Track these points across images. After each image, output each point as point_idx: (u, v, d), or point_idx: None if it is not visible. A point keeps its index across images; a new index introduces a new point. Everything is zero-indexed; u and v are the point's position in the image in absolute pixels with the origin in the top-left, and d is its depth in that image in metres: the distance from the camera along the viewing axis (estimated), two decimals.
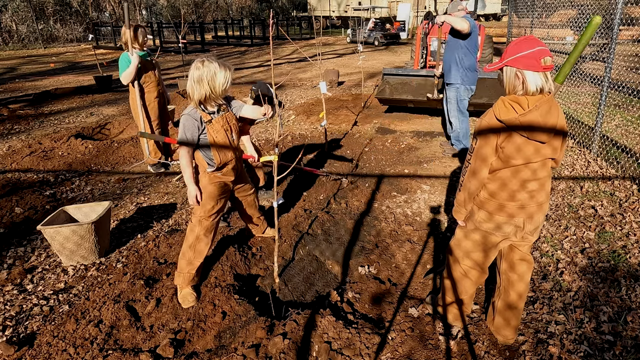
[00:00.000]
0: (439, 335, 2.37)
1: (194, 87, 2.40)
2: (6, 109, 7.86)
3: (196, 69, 2.37)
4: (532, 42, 1.75)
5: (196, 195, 2.53)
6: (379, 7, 26.28)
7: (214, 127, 2.49)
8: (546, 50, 1.74)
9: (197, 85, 2.38)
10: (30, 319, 2.61)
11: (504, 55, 1.83)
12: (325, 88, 4.99)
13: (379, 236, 3.39)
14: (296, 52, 16.33)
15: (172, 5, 31.22)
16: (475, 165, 1.92)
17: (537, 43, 1.75)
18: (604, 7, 5.24)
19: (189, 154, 2.51)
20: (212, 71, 2.37)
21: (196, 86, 2.39)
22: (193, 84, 2.39)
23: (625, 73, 6.86)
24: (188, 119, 2.44)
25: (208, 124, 2.47)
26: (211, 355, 2.24)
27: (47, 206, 4.03)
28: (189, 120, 2.44)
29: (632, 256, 2.86)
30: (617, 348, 2.19)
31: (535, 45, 1.74)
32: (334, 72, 9.66)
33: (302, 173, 4.66)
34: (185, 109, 2.49)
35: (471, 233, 2.11)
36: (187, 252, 2.63)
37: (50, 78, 12.05)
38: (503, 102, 1.83)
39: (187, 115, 2.45)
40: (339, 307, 2.57)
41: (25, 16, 22.63)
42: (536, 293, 2.65)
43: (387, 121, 6.51)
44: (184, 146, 2.48)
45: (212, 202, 2.61)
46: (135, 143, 5.70)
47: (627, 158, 4.29)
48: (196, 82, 2.38)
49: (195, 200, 2.55)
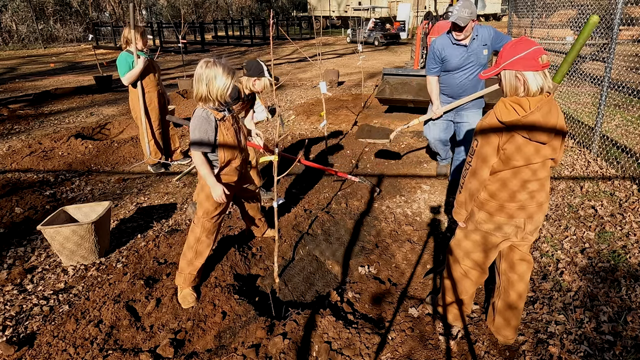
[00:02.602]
0: (439, 335, 2.37)
1: (194, 84, 2.39)
2: (6, 109, 7.86)
3: (200, 67, 2.35)
4: (527, 43, 1.77)
5: (224, 190, 2.46)
6: (379, 7, 26.28)
7: (225, 125, 2.45)
8: (541, 49, 1.76)
9: (196, 84, 2.37)
10: (30, 319, 2.61)
11: (500, 60, 1.83)
12: (325, 88, 4.99)
13: (379, 236, 3.39)
14: (296, 52, 16.33)
15: (172, 5, 31.23)
16: (475, 166, 1.92)
17: (532, 43, 1.77)
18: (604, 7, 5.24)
19: (203, 155, 2.44)
20: (213, 74, 2.33)
21: (196, 85, 2.38)
22: (194, 81, 2.38)
23: (625, 73, 6.86)
24: (201, 120, 2.38)
25: (221, 122, 2.43)
26: (211, 355, 2.24)
27: (47, 206, 4.03)
28: (203, 121, 2.38)
29: (632, 256, 2.86)
30: (617, 348, 2.19)
31: (531, 45, 1.76)
32: (334, 72, 9.66)
33: (302, 173, 4.66)
34: (196, 110, 2.43)
35: (471, 233, 2.11)
36: (188, 253, 2.63)
37: (50, 78, 12.05)
38: (504, 104, 1.83)
39: (199, 117, 2.38)
40: (339, 307, 2.57)
41: (25, 16, 22.63)
42: (536, 293, 2.65)
43: (387, 121, 6.51)
44: (198, 149, 2.41)
45: (214, 203, 2.60)
46: (135, 143, 5.70)
47: (627, 158, 4.29)
48: (197, 81, 2.36)
49: (223, 197, 2.47)
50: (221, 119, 2.43)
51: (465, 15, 3.34)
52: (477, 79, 3.70)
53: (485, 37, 3.58)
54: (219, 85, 2.34)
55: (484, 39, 3.57)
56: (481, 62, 3.64)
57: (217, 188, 2.45)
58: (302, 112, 7.26)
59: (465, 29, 3.45)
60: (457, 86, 3.73)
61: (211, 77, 2.33)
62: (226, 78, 2.35)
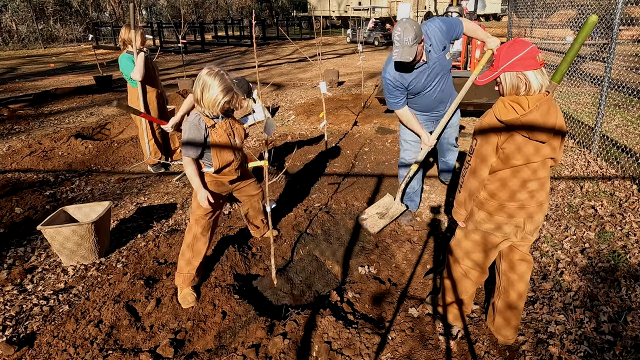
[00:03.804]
0: (439, 335, 2.37)
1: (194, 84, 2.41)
2: (6, 109, 7.86)
3: (204, 70, 2.36)
4: (523, 43, 1.79)
5: (207, 197, 2.48)
6: (379, 7, 26.28)
7: (217, 132, 2.47)
8: (536, 47, 1.79)
9: (195, 84, 2.38)
10: (30, 319, 2.61)
11: (498, 63, 1.83)
12: (325, 88, 4.99)
13: (379, 236, 3.38)
14: (296, 52, 16.33)
15: (172, 5, 31.23)
16: (475, 165, 1.92)
17: (527, 43, 1.78)
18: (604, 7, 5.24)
19: (194, 163, 2.47)
20: (208, 85, 2.31)
21: (194, 85, 2.39)
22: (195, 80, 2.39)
23: (625, 73, 6.86)
24: (191, 127, 2.40)
25: (211, 128, 2.45)
26: (211, 355, 2.24)
27: (47, 206, 4.03)
28: (192, 128, 2.40)
29: (632, 256, 2.86)
30: (617, 348, 2.19)
31: (527, 45, 1.77)
32: (334, 72, 9.66)
33: (302, 173, 4.66)
34: (190, 113, 2.46)
35: (471, 233, 2.11)
36: (186, 251, 2.64)
37: (50, 78, 12.05)
38: (503, 103, 1.83)
39: (189, 123, 2.41)
40: (339, 307, 2.57)
41: (25, 16, 22.63)
42: (536, 293, 2.65)
43: (387, 121, 6.51)
44: (188, 155, 2.44)
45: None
46: (135, 143, 5.70)
47: (627, 158, 4.29)
48: (196, 82, 2.37)
49: (207, 203, 2.49)
50: (212, 126, 2.44)
51: (410, 43, 2.63)
52: (449, 85, 3.19)
53: (440, 38, 2.92)
54: (210, 97, 2.33)
55: (439, 41, 2.92)
56: (448, 67, 3.09)
57: (201, 192, 2.47)
58: (302, 112, 7.26)
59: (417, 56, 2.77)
60: (432, 101, 3.17)
61: (207, 85, 2.32)
62: (220, 92, 2.32)
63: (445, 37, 2.94)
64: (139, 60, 4.34)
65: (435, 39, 2.90)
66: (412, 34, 2.61)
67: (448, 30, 2.94)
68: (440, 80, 3.07)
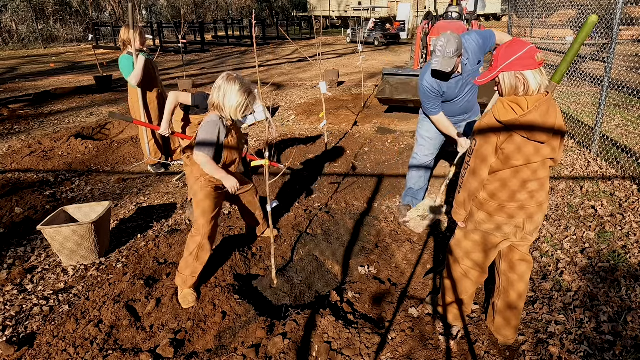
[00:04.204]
0: (439, 335, 2.37)
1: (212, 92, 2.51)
2: (6, 109, 7.86)
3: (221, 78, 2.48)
4: (521, 43, 1.79)
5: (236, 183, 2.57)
6: (379, 7, 26.27)
7: (231, 133, 2.61)
8: (535, 47, 1.79)
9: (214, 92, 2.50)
10: (30, 319, 2.61)
11: (496, 63, 1.83)
12: (325, 88, 4.99)
13: (379, 236, 3.39)
14: (296, 52, 16.33)
15: (172, 5, 31.22)
16: (475, 166, 1.92)
17: (526, 43, 1.78)
18: (604, 7, 5.24)
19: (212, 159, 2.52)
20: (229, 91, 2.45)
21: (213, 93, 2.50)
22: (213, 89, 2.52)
23: (625, 73, 6.86)
24: (212, 125, 2.49)
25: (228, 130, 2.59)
26: (211, 355, 2.24)
27: (47, 206, 4.03)
28: (213, 125, 2.49)
29: (632, 256, 2.86)
30: (617, 348, 2.19)
31: (525, 44, 1.77)
32: (334, 72, 9.66)
33: (300, 172, 4.66)
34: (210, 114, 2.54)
35: (471, 233, 2.11)
36: (189, 258, 2.63)
37: (50, 78, 12.05)
38: (502, 104, 1.83)
39: (212, 123, 2.50)
40: (339, 307, 2.57)
41: (25, 16, 22.62)
42: (536, 293, 2.65)
43: (387, 121, 6.51)
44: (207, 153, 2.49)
45: (210, 202, 2.61)
46: (135, 143, 5.70)
47: (627, 158, 4.29)
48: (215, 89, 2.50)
49: (238, 185, 2.58)
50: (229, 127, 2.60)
51: (451, 55, 2.76)
52: (475, 96, 3.31)
53: (476, 52, 3.04)
54: (232, 104, 2.47)
55: (475, 55, 3.05)
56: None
57: (230, 179, 2.55)
58: (302, 112, 7.26)
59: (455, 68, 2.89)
60: (457, 109, 3.30)
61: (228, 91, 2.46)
62: (241, 96, 2.47)
63: (481, 50, 3.09)
64: (138, 65, 4.33)
65: (472, 52, 3.04)
66: (454, 47, 2.75)
67: (484, 44, 3.09)
68: (469, 92, 3.21)
